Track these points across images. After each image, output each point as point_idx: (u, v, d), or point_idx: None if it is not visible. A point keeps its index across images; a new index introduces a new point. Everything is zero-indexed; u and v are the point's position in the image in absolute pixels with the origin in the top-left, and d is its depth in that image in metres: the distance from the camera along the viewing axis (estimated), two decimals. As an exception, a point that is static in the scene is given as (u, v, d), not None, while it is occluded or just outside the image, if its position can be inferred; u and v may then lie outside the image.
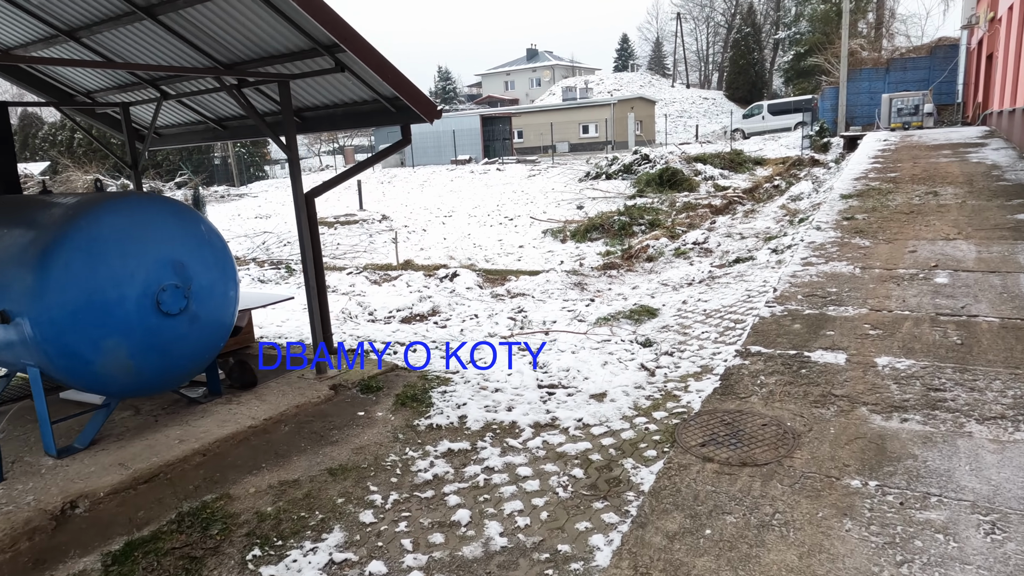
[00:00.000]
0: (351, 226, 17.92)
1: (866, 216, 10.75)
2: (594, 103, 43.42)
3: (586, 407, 5.46)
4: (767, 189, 20.16)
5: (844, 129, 31.79)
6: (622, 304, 9.03)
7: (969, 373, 5.25)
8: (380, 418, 5.41)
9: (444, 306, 9.72)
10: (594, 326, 8.09)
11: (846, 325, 6.44)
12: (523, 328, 8.46)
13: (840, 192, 12.73)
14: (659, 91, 60.48)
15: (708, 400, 5.27)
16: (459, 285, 11.35)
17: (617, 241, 14.54)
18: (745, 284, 9.07)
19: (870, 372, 5.45)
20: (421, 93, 5.49)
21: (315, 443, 5.01)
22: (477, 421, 5.31)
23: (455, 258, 14.23)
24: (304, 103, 6.28)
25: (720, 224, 14.38)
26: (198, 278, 4.77)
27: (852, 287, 7.49)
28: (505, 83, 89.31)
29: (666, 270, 11.14)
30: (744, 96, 55.09)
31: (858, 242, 9.31)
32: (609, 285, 10.62)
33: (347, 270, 13.73)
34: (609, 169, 25.55)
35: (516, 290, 10.54)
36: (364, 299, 10.44)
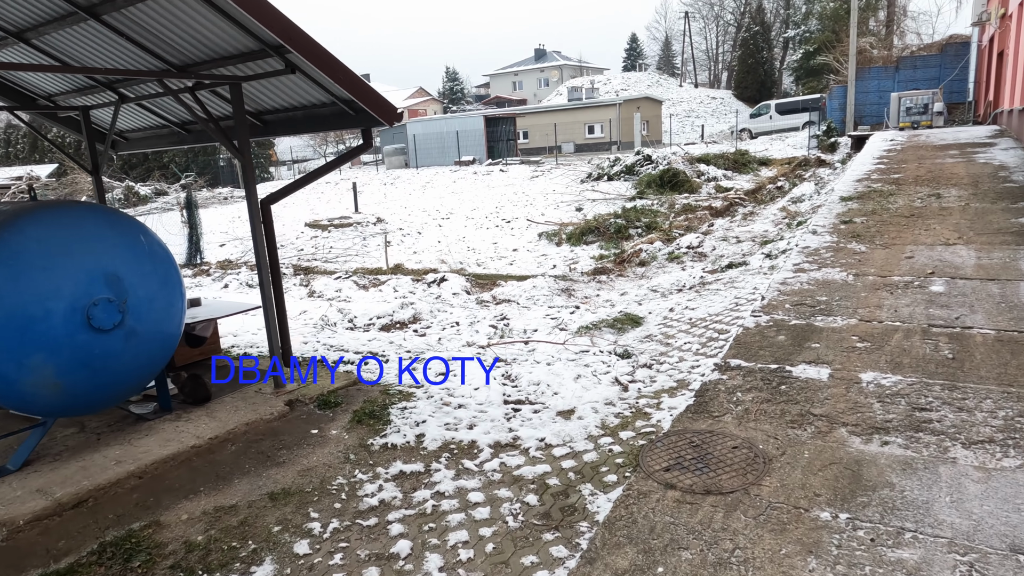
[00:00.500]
0: (345, 229, 17.71)
1: (865, 219, 10.38)
2: (600, 103, 43.06)
3: (551, 425, 5.18)
4: (770, 190, 19.76)
5: (852, 129, 31.26)
6: (608, 312, 8.73)
7: (959, 391, 4.92)
8: (333, 437, 5.15)
9: (426, 313, 9.46)
10: (575, 335, 7.80)
11: (833, 337, 6.11)
12: (503, 337, 8.18)
13: (840, 194, 12.35)
14: (667, 91, 60.00)
15: (679, 419, 4.97)
16: (445, 291, 11.08)
17: (612, 244, 14.23)
18: (735, 291, 8.75)
19: (853, 389, 5.12)
20: (377, 95, 5.23)
21: (260, 464, 4.76)
22: (435, 440, 5.04)
23: (447, 262, 13.97)
24: (264, 106, 6.05)
25: (718, 227, 14.04)
26: (135, 291, 4.53)
27: (843, 296, 7.16)
28: (513, 83, 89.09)
29: (658, 275, 10.83)
30: (753, 95, 54.50)
31: (854, 247, 8.96)
32: (598, 291, 10.31)
33: (336, 274, 13.50)
34: (611, 170, 25.21)
35: (502, 296, 10.26)
36: (346, 305, 10.20)
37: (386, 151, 42.32)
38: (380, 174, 39.02)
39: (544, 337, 7.96)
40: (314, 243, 16.98)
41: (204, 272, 15.83)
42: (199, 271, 16.00)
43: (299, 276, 14.17)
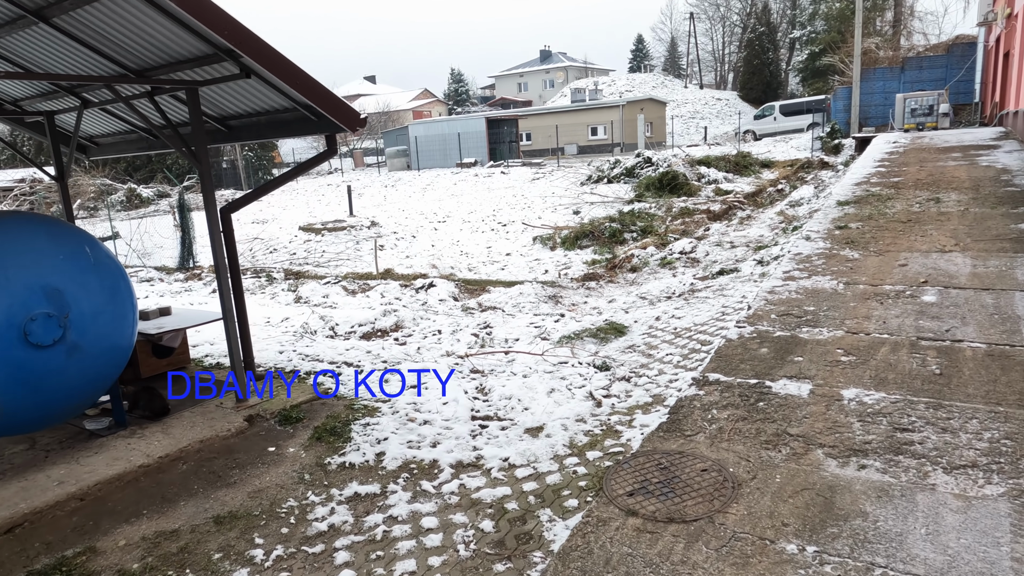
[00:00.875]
0: (339, 233, 17.55)
1: (860, 225, 10.12)
2: (603, 105, 42.82)
3: (517, 444, 4.96)
4: (770, 193, 19.49)
5: (857, 130, 30.91)
6: (593, 320, 8.51)
7: (944, 410, 4.68)
8: (290, 455, 4.96)
9: (408, 321, 9.26)
10: (556, 345, 7.58)
11: (817, 350, 5.87)
12: (483, 347, 7.97)
13: (837, 198, 12.09)
14: (672, 92, 59.69)
15: (650, 438, 4.75)
16: (432, 297, 10.89)
17: (606, 249, 14.00)
18: (723, 299, 8.51)
19: (834, 407, 4.89)
20: (337, 100, 5.03)
21: (210, 485, 4.57)
22: (395, 459, 4.83)
23: (438, 267, 13.79)
24: (228, 111, 5.87)
25: (714, 231, 13.79)
26: (79, 305, 4.36)
27: (831, 305, 6.91)
28: (518, 84, 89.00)
29: (648, 282, 10.60)
30: (758, 97, 54.13)
31: (847, 254, 8.70)
32: (586, 298, 10.09)
33: (325, 279, 13.33)
34: (611, 173, 24.99)
35: (488, 303, 10.05)
36: (330, 312, 10.02)
37: (388, 153, 42.24)
38: (382, 176, 38.94)
39: (526, 346, 7.75)
40: (307, 247, 16.84)
41: (196, 276, 15.70)
42: (191, 275, 15.87)
43: (289, 281, 14.01)
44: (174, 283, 15.20)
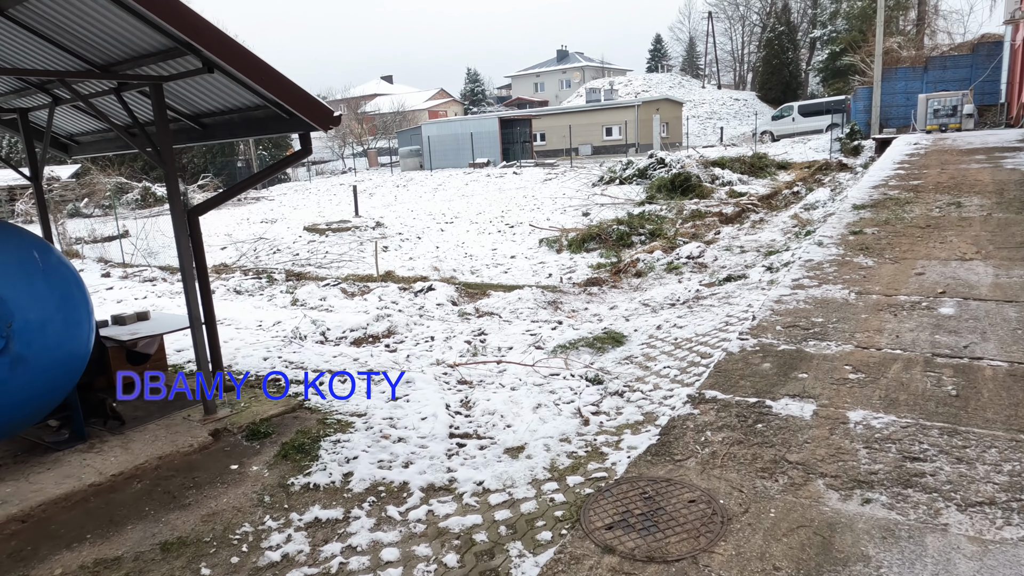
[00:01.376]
0: (343, 233, 17.32)
1: (876, 230, 9.65)
2: (617, 105, 42.33)
3: (495, 465, 4.63)
4: (785, 196, 18.97)
5: (878, 131, 30.18)
6: (592, 328, 8.15)
7: (960, 436, 4.27)
8: (253, 474, 4.66)
9: (401, 326, 8.96)
10: (550, 355, 7.23)
11: (823, 366, 5.47)
12: (476, 355, 7.64)
13: (853, 202, 11.61)
14: (689, 92, 59.01)
15: (636, 462, 4.39)
16: (430, 301, 10.58)
17: (613, 252, 13.62)
18: (729, 308, 8.11)
19: (838, 431, 4.49)
20: (308, 97, 4.73)
21: (163, 507, 4.28)
22: (363, 480, 4.52)
23: (440, 269, 13.49)
24: (200, 108, 5.60)
25: (724, 235, 13.35)
26: (24, 314, 4.09)
27: (841, 317, 6.49)
28: (535, 84, 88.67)
29: (653, 287, 10.20)
30: (777, 97, 53.30)
31: (860, 261, 8.26)
32: (587, 304, 9.73)
33: (325, 281, 13.09)
34: (623, 174, 24.56)
35: (485, 308, 9.72)
36: (324, 316, 9.75)
37: (401, 152, 42.09)
38: (394, 176, 38.78)
39: (519, 355, 7.41)
40: (310, 248, 16.62)
41: (198, 276, 15.52)
42: (194, 275, 15.68)
43: (289, 282, 13.78)
44: (176, 283, 15.03)
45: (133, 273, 16.73)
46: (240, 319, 10.17)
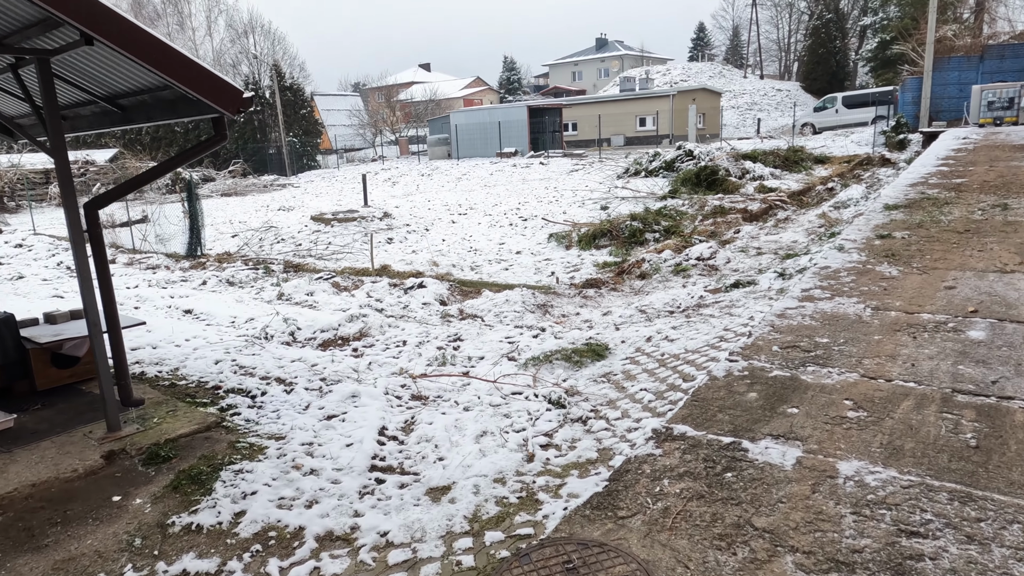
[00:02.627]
0: (348, 224, 16.79)
1: (907, 234, 8.63)
2: (652, 94, 41.02)
3: (410, 510, 3.93)
4: (818, 192, 17.79)
5: (926, 124, 28.44)
6: (576, 337, 7.39)
7: (974, 505, 3.41)
8: (134, 508, 4.05)
9: (375, 328, 8.32)
10: (521, 368, 6.50)
11: (819, 400, 4.62)
12: (444, 364, 6.96)
13: (885, 201, 10.53)
14: (729, 82, 57.12)
15: (572, 517, 3.64)
16: (416, 299, 9.93)
17: (624, 250, 12.77)
18: (728, 319, 7.25)
19: (823, 487, 3.67)
20: (208, 76, 4.07)
21: (15, 548, 3.70)
22: (255, 523, 3.87)
23: (439, 264, 12.83)
24: (115, 88, 5.01)
25: (744, 234, 12.38)
26: None
27: (850, 338, 5.60)
28: (573, 73, 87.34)
29: (655, 291, 9.37)
30: (822, 88, 51.13)
31: (884, 270, 7.30)
32: (580, 308, 8.95)
33: (319, 274, 12.56)
34: (649, 166, 23.54)
35: (470, 310, 9.02)
36: (300, 314, 9.19)
37: (430, 141, 41.56)
38: (421, 164, 38.27)
39: (489, 367, 6.70)
40: (314, 238, 16.14)
41: (201, 265, 15.19)
42: (196, 264, 15.38)
43: (287, 273, 13.31)
44: (176, 271, 14.71)
45: (139, 260, 16.51)
46: (216, 314, 9.67)
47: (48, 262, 17.47)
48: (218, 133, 4.54)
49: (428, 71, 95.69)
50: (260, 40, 51.89)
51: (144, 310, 10.48)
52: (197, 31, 57.24)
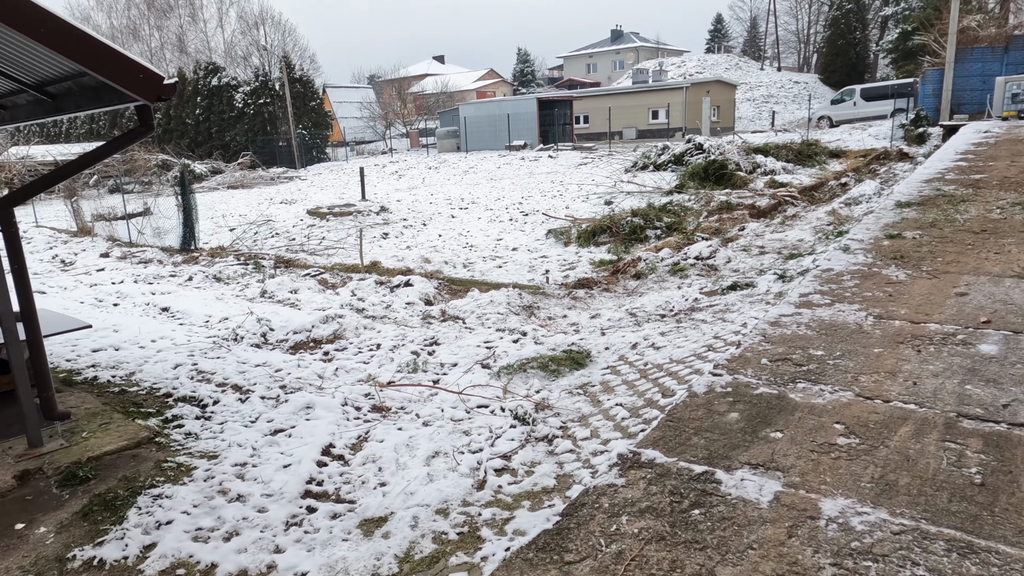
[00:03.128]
0: (344, 218, 16.40)
1: (917, 235, 8.06)
2: (664, 87, 40.23)
3: (337, 547, 3.51)
4: (831, 188, 17.14)
5: (947, 117, 27.52)
6: (557, 343, 6.93)
7: (976, 558, 2.93)
8: (36, 538, 3.66)
9: (350, 330, 7.92)
10: (495, 377, 6.06)
11: (807, 423, 4.14)
12: (416, 371, 6.54)
13: (898, 198, 9.94)
14: (746, 74, 56.07)
15: (511, 561, 3.20)
16: (400, 299, 9.52)
17: (624, 247, 12.28)
18: (721, 325, 6.75)
19: (802, 530, 3.20)
20: (118, 59, 3.65)
21: None
22: (164, 558, 3.47)
23: (431, 261, 12.40)
24: (41, 75, 4.61)
25: (748, 232, 11.83)
26: None
27: (848, 350, 5.10)
28: (587, 66, 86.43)
29: (649, 292, 8.88)
30: (841, 80, 49.95)
31: (890, 274, 6.76)
32: (568, 310, 8.48)
33: (306, 271, 12.19)
34: (658, 160, 22.94)
35: (452, 311, 8.59)
36: (273, 314, 8.81)
37: (439, 134, 41.13)
38: (428, 157, 37.86)
39: (461, 375, 6.27)
40: (308, 232, 15.78)
41: (193, 260, 14.90)
42: (189, 259, 15.08)
43: (278, 268, 12.97)
44: (167, 266, 14.42)
45: (133, 254, 16.25)
46: (192, 313, 9.33)
47: (43, 255, 17.25)
48: (143, 123, 4.13)
49: (442, 63, 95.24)
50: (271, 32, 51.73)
51: (123, 307, 10.18)
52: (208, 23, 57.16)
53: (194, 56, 56.28)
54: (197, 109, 47.81)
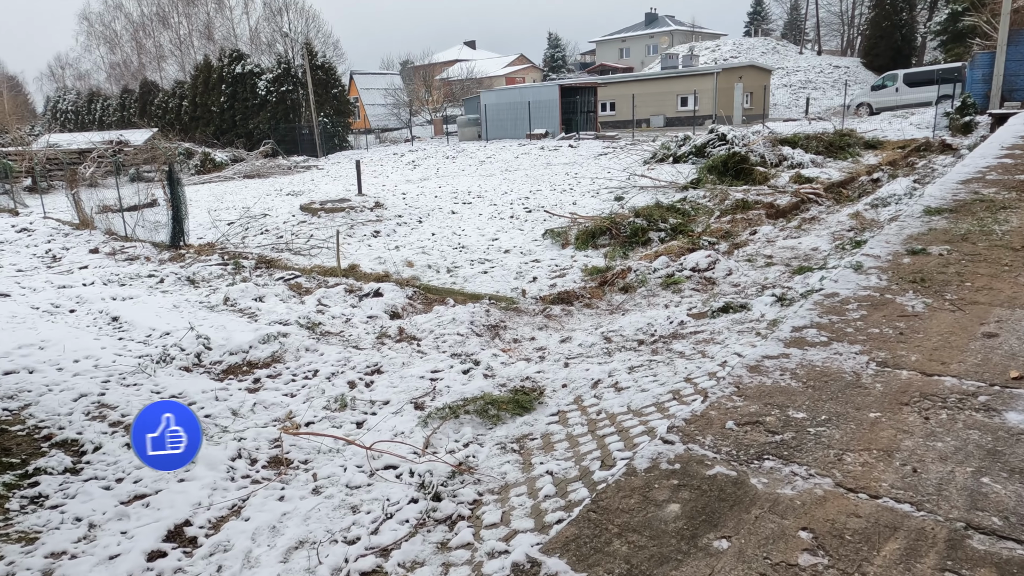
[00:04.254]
0: (335, 215, 15.63)
1: (946, 250, 6.91)
2: (694, 72, 38.56)
3: None
4: (862, 184, 15.78)
5: (997, 105, 25.56)
6: (513, 373, 6.03)
7: None
8: None
9: (292, 351, 7.12)
10: (423, 423, 5.18)
11: (764, 527, 3.16)
12: (343, 407, 5.71)
13: (928, 203, 8.73)
14: (783, 58, 53.77)
15: None
16: (364, 311, 8.71)
17: (622, 251, 11.26)
18: (699, 361, 5.75)
19: None
20: None
21: None
22: None
23: (414, 264, 11.55)
24: None
25: (760, 236, 10.70)
26: None
27: (837, 413, 4.07)
28: (620, 50, 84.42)
29: (633, 311, 7.89)
30: (884, 64, 47.42)
31: (906, 302, 5.66)
32: (537, 331, 7.55)
33: (284, 273, 11.48)
34: (678, 151, 21.69)
35: (411, 329, 7.73)
36: (221, 327, 8.07)
37: (459, 121, 40.20)
38: (448, 146, 36.98)
39: (390, 416, 5.42)
40: (298, 229, 15.06)
41: (180, 257, 14.34)
42: (176, 255, 14.53)
43: (260, 269, 12.29)
44: (152, 263, 13.86)
45: (123, 249, 15.78)
46: (138, 324, 8.65)
47: (39, 249, 16.90)
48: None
49: (473, 48, 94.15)
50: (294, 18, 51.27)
51: (77, 315, 9.57)
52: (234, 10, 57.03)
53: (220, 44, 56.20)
54: (222, 97, 47.72)
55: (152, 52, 62.45)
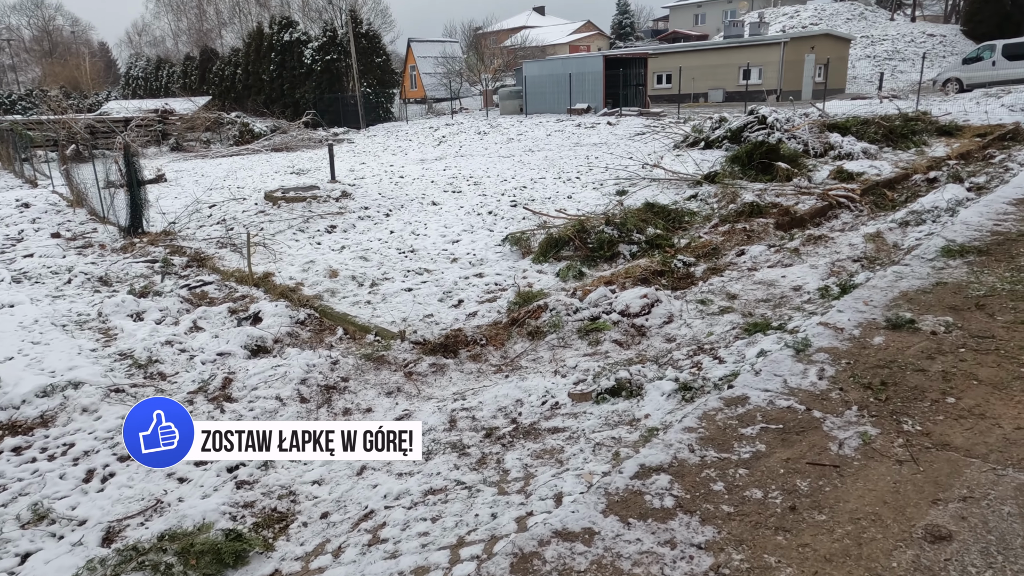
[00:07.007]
0: (296, 204, 14.16)
1: (944, 325, 4.70)
2: (759, 42, 34.95)
3: None
4: (914, 184, 13.08)
5: (1114, 83, 21.48)
6: (283, 481, 4.36)
7: None
8: None
9: (70, 410, 5.68)
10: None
11: None
12: (39, 521, 4.21)
13: (952, 234, 6.39)
14: (871, 25, 48.62)
15: None
16: (218, 344, 7.22)
17: (578, 269, 9.31)
18: (509, 499, 3.90)
19: None
20: None
21: None
22: None
23: (337, 275, 9.93)
24: None
25: (744, 260, 8.53)
26: None
27: None
28: (695, 16, 79.49)
29: (525, 370, 6.03)
30: (987, 33, 41.86)
31: (836, 432, 3.59)
32: (383, 398, 5.82)
33: (200, 278, 10.16)
34: (711, 135, 19.15)
35: (238, 384, 6.14)
36: (36, 361, 6.74)
37: (501, 94, 38.13)
38: (485, 120, 35.02)
39: (65, 552, 3.87)
40: (253, 220, 13.70)
41: (131, 246, 13.22)
42: (127, 244, 13.43)
43: (189, 269, 11.04)
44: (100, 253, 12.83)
45: (85, 234, 14.94)
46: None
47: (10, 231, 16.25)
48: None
49: (542, 15, 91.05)
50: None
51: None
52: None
53: (273, 11, 55.73)
54: (271, 65, 47.25)
55: (213, 19, 62.76)
